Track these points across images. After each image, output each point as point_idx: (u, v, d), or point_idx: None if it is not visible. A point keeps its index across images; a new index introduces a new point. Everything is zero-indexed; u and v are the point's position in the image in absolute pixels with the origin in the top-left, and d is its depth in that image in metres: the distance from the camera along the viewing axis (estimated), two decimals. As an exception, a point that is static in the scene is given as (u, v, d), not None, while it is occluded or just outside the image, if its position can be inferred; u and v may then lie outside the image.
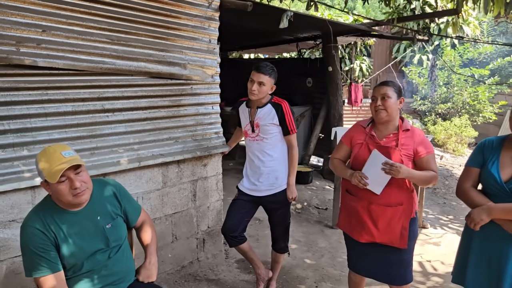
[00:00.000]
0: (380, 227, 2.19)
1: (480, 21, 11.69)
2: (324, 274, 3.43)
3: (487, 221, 1.88)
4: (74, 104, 2.50)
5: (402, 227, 2.18)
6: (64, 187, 1.60)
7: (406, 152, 2.17)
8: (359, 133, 2.33)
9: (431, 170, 2.17)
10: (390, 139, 2.21)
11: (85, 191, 1.66)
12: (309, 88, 7.11)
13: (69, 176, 1.61)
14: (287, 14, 3.20)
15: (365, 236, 2.24)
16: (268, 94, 2.71)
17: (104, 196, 1.83)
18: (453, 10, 4.64)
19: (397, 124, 2.24)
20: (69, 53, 2.41)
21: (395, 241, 2.19)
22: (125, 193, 1.94)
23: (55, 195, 1.64)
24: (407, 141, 2.19)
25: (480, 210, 1.90)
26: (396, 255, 2.25)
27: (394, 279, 2.32)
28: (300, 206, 5.14)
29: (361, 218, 2.24)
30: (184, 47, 3.00)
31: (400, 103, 2.23)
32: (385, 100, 2.17)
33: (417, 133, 2.22)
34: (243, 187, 2.87)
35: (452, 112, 9.72)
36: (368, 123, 2.34)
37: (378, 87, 2.24)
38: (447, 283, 3.29)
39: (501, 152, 1.95)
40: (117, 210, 1.86)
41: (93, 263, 1.73)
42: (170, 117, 3.01)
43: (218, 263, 3.49)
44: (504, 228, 1.85)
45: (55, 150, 1.63)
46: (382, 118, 2.20)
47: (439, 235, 4.40)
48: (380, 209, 2.18)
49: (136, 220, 1.98)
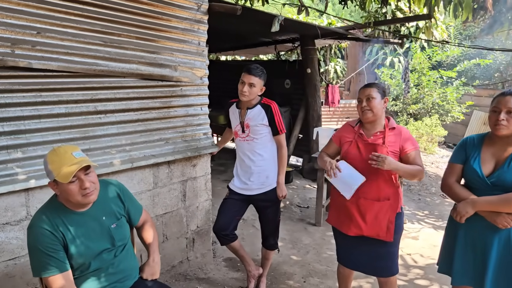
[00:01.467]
0: (368, 221, 2.32)
1: (447, 25, 12.20)
2: (311, 270, 3.54)
3: (472, 213, 2.03)
4: (67, 106, 2.50)
5: (389, 220, 2.31)
6: (74, 187, 1.63)
7: (392, 149, 2.30)
8: (348, 132, 2.47)
9: (417, 165, 2.30)
10: (377, 137, 2.34)
11: (93, 192, 1.70)
12: (287, 89, 7.23)
13: (80, 177, 1.64)
14: (279, 19, 3.30)
15: (353, 229, 2.36)
16: (258, 95, 2.80)
17: (108, 197, 1.87)
18: (426, 15, 4.88)
19: (384, 123, 2.37)
20: (63, 55, 2.42)
21: (382, 234, 2.31)
22: (127, 193, 1.97)
23: (64, 195, 1.67)
24: (393, 138, 2.32)
25: (465, 204, 2.05)
26: (382, 248, 2.37)
27: (381, 271, 2.45)
28: (282, 205, 5.24)
29: (349, 212, 2.36)
30: (174, 49, 3.05)
31: (385, 103, 2.37)
32: (370, 101, 2.30)
33: (403, 131, 2.36)
34: (234, 186, 2.94)
35: (423, 112, 10.09)
36: (356, 122, 2.47)
37: (363, 89, 2.37)
38: (427, 274, 3.47)
39: (482, 149, 2.12)
40: (121, 210, 1.90)
41: (100, 262, 1.76)
42: (161, 118, 3.04)
43: (207, 262, 3.55)
44: (488, 219, 2.00)
45: (66, 151, 1.65)
46: (369, 118, 2.33)
47: (416, 229, 4.61)
48: (368, 203, 2.31)
49: (138, 220, 2.02)
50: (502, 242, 2.00)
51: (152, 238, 2.02)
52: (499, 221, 1.95)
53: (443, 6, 5.13)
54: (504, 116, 1.97)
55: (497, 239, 2.01)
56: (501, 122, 1.97)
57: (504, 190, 1.96)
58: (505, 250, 1.99)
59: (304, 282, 3.33)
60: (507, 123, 1.97)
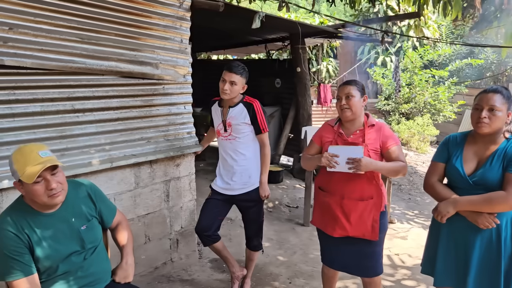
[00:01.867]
0: (352, 221, 2.27)
1: (439, 24, 12.21)
2: (297, 271, 3.49)
3: (453, 213, 1.98)
4: (43, 104, 2.44)
5: (373, 220, 2.27)
6: (40, 187, 1.57)
7: (373, 147, 2.26)
8: (328, 132, 2.42)
9: (399, 160, 2.26)
10: (357, 136, 2.30)
11: (60, 192, 1.63)
12: (278, 88, 7.19)
13: (45, 177, 1.58)
14: (259, 15, 3.25)
15: (338, 230, 2.31)
16: (240, 93, 2.74)
17: (78, 197, 1.81)
18: (415, 13, 4.85)
19: (363, 120, 2.33)
20: (37, 51, 2.35)
21: (367, 234, 2.28)
22: (99, 194, 1.91)
23: (29, 196, 1.60)
24: (373, 135, 2.28)
25: (446, 203, 2.00)
26: (367, 248, 2.34)
27: (366, 271, 2.41)
28: (271, 205, 5.20)
29: (334, 213, 2.31)
30: (156, 46, 2.99)
31: (364, 101, 2.32)
32: (349, 99, 2.25)
33: (382, 127, 2.32)
34: (216, 186, 2.88)
35: (415, 112, 10.09)
36: (335, 122, 2.43)
37: (342, 86, 2.32)
38: (414, 275, 3.43)
39: (464, 147, 2.07)
40: (92, 211, 1.83)
41: (69, 265, 1.69)
42: (142, 117, 2.98)
43: (192, 263, 3.49)
44: (469, 219, 1.96)
45: (32, 150, 1.59)
46: (348, 116, 2.28)
47: (405, 229, 4.57)
48: (352, 203, 2.26)
49: (111, 221, 1.96)
50: (485, 243, 1.96)
51: (126, 240, 1.96)
52: (480, 221, 1.91)
53: (432, 5, 5.11)
54: (486, 114, 1.93)
55: (479, 239, 1.96)
56: (483, 120, 1.93)
57: (486, 189, 1.92)
58: (487, 251, 1.95)
59: (289, 283, 3.28)
60: (489, 121, 1.92)
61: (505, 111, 1.93)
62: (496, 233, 1.94)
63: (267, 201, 5.21)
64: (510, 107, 1.96)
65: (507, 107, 1.94)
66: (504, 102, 1.92)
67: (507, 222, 1.94)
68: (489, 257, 1.95)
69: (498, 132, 1.97)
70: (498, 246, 1.93)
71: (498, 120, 1.92)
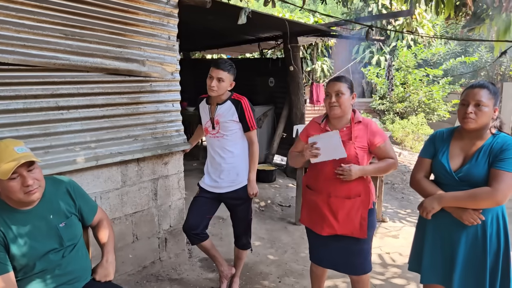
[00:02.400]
0: (340, 219, 2.25)
1: (433, 23, 12.23)
2: (287, 269, 3.47)
3: (438, 209, 1.96)
4: (25, 101, 2.40)
5: (361, 217, 2.25)
6: (16, 184, 1.54)
7: (360, 144, 2.24)
8: (315, 129, 2.38)
9: (389, 157, 2.25)
10: (344, 133, 2.26)
11: (37, 189, 1.60)
12: (271, 87, 7.17)
13: (21, 173, 1.55)
14: (245, 11, 3.22)
15: (326, 229, 2.29)
16: (228, 91, 2.72)
17: (57, 194, 1.77)
18: (406, 11, 4.84)
19: (350, 117, 2.30)
20: (20, 47, 2.31)
21: (355, 232, 2.26)
22: (79, 190, 1.88)
23: (4, 192, 1.57)
24: (360, 133, 2.25)
25: (432, 199, 1.99)
26: (356, 245, 2.31)
27: (355, 269, 2.38)
28: (263, 203, 5.17)
29: (321, 211, 2.29)
30: (143, 43, 2.96)
31: (353, 99, 2.29)
32: (339, 96, 2.21)
33: (369, 124, 2.29)
34: (204, 184, 2.85)
35: (409, 111, 10.10)
36: (322, 118, 2.40)
37: (332, 83, 2.27)
38: (405, 273, 3.41)
39: (450, 143, 2.05)
40: (71, 208, 1.80)
41: (46, 263, 1.66)
42: (129, 115, 2.95)
43: (181, 263, 3.46)
44: (454, 215, 1.94)
45: (7, 146, 1.56)
46: (336, 114, 2.25)
47: (397, 228, 4.56)
48: (339, 201, 2.24)
49: (92, 219, 1.93)
50: (470, 239, 1.94)
51: (107, 238, 1.93)
52: (465, 217, 1.89)
53: (424, 3, 5.10)
54: (472, 109, 1.91)
55: (464, 235, 1.95)
56: (469, 115, 1.91)
57: (471, 185, 1.90)
58: (473, 247, 1.94)
59: (279, 282, 3.25)
60: (475, 116, 1.90)
61: (491, 107, 1.91)
62: (481, 230, 1.92)
63: (260, 200, 5.18)
64: (496, 103, 1.95)
65: (494, 102, 1.92)
66: (490, 97, 1.91)
67: (492, 219, 1.93)
68: (475, 254, 1.93)
69: (485, 127, 1.95)
70: (483, 242, 1.92)
71: (484, 116, 1.90)
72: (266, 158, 6.71)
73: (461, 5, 5.84)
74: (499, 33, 5.00)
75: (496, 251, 1.93)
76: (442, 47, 11.33)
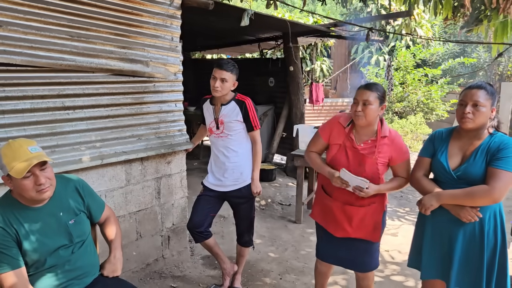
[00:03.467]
0: (354, 225, 2.28)
1: (432, 24, 12.28)
2: (288, 267, 3.52)
3: (436, 206, 2.02)
4: (32, 102, 2.45)
5: (376, 222, 2.28)
6: (29, 182, 1.59)
7: (382, 160, 2.21)
8: (339, 132, 2.29)
9: (403, 176, 2.26)
10: (367, 145, 2.21)
11: (49, 188, 1.65)
12: (271, 87, 7.23)
13: (35, 172, 1.60)
14: (248, 13, 3.27)
15: (340, 232, 2.32)
16: (231, 91, 2.77)
17: (66, 192, 1.82)
18: (405, 12, 4.89)
19: (376, 128, 2.21)
20: (27, 49, 2.36)
21: (369, 236, 2.29)
22: (88, 188, 1.93)
23: (17, 190, 1.62)
24: (384, 148, 2.20)
25: (430, 196, 2.04)
26: (366, 245, 2.34)
27: (363, 266, 2.41)
28: (264, 202, 5.23)
29: (335, 216, 2.31)
30: (146, 44, 3.01)
31: (381, 109, 2.18)
32: (366, 106, 2.12)
33: (395, 140, 2.23)
34: (208, 183, 2.91)
35: (408, 111, 10.15)
36: (348, 123, 2.28)
37: (363, 90, 2.16)
38: (404, 270, 3.47)
39: (449, 142, 2.11)
40: (80, 206, 1.85)
41: (56, 258, 1.71)
42: (133, 115, 3.00)
43: (184, 260, 3.51)
44: (452, 212, 2.00)
45: (21, 145, 1.61)
46: (360, 123, 2.18)
47: (396, 226, 4.61)
48: (354, 209, 2.25)
49: (99, 216, 1.98)
50: (468, 236, 2.00)
51: (114, 235, 1.98)
52: (462, 214, 1.95)
53: (423, 4, 5.15)
54: (470, 109, 1.96)
55: (462, 232, 2.00)
56: (467, 115, 1.97)
57: (469, 183, 1.96)
58: (470, 244, 1.99)
59: (280, 279, 3.31)
60: (473, 116, 1.96)
61: (489, 107, 1.96)
62: (479, 227, 1.98)
63: (260, 199, 5.24)
64: (494, 103, 2.00)
65: (491, 102, 1.97)
66: (488, 98, 1.96)
67: (490, 216, 1.98)
68: (472, 250, 1.99)
69: (482, 127, 2.01)
70: (481, 239, 1.97)
71: (482, 116, 1.95)
72: (266, 157, 6.76)
73: (459, 6, 5.90)
74: (496, 34, 5.06)
75: (493, 247, 1.98)
76: (441, 47, 11.38)
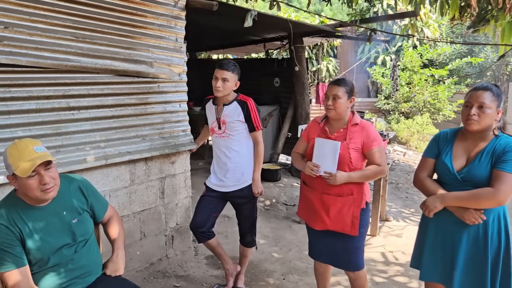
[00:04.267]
0: (332, 215, 2.34)
1: (439, 24, 12.20)
2: (292, 267, 3.52)
3: (440, 208, 2.01)
4: (38, 102, 2.48)
5: (353, 216, 2.33)
6: (33, 182, 1.61)
7: (354, 146, 2.31)
8: (314, 128, 2.49)
9: (377, 163, 2.31)
10: (340, 133, 2.36)
11: (53, 188, 1.67)
12: (277, 88, 7.22)
13: (39, 172, 1.62)
14: (251, 13, 3.28)
15: (319, 224, 2.40)
16: (233, 91, 2.78)
17: (70, 192, 1.85)
18: (411, 12, 4.86)
19: (348, 119, 2.38)
20: (33, 50, 2.39)
21: (347, 229, 2.34)
22: (91, 188, 1.95)
23: (22, 189, 1.65)
24: (355, 135, 2.33)
25: (434, 198, 2.03)
26: (348, 242, 2.39)
27: (349, 264, 2.45)
28: (268, 202, 5.23)
29: (314, 207, 2.40)
30: (151, 45, 3.03)
31: (350, 102, 2.35)
32: (335, 100, 2.30)
33: (366, 127, 2.35)
34: (210, 183, 2.92)
35: (414, 111, 10.10)
36: (322, 118, 2.49)
37: (331, 86, 2.35)
38: (407, 271, 3.46)
39: (454, 143, 2.10)
40: (83, 205, 1.87)
41: (60, 257, 1.74)
42: (137, 115, 3.02)
43: (187, 260, 3.53)
44: (456, 214, 1.99)
45: (27, 145, 1.64)
46: (332, 116, 2.36)
47: (401, 227, 4.60)
48: (331, 198, 2.33)
49: (103, 216, 2.00)
50: (471, 238, 1.98)
51: (117, 234, 2.00)
52: (466, 217, 1.94)
53: (429, 3, 5.12)
54: (475, 111, 1.95)
55: (466, 235, 1.99)
56: (472, 117, 1.95)
57: (474, 185, 1.95)
58: (474, 246, 1.98)
59: (283, 280, 3.31)
60: (478, 118, 1.94)
61: (494, 109, 1.95)
62: (483, 229, 1.96)
63: (265, 199, 5.24)
64: (500, 105, 1.98)
65: (497, 104, 1.96)
66: (493, 99, 1.94)
67: (494, 218, 1.97)
68: (476, 253, 1.98)
69: (488, 129, 1.99)
70: (485, 242, 1.96)
71: (487, 117, 1.94)
72: (271, 157, 6.76)
73: (466, 6, 5.86)
74: (504, 34, 5.02)
75: (497, 250, 1.97)
76: (448, 47, 11.30)
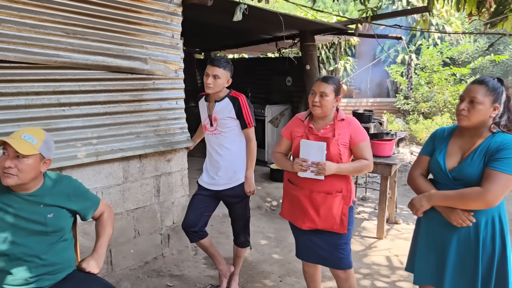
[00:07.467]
0: (322, 214, 2.28)
1: (462, 21, 11.81)
2: (290, 269, 3.43)
3: (427, 207, 1.90)
4: (27, 98, 2.48)
5: (342, 213, 2.28)
6: (1, 160, 1.65)
7: (342, 141, 2.26)
8: (298, 126, 2.41)
9: (364, 158, 2.26)
10: (327, 130, 2.31)
11: (11, 176, 1.64)
12: (289, 86, 7.14)
13: (8, 155, 1.64)
14: (240, 7, 3.21)
15: (307, 223, 2.32)
16: (225, 88, 2.72)
17: (55, 190, 1.82)
18: (423, 8, 4.69)
19: (333, 116, 2.34)
20: (21, 45, 2.40)
21: (336, 227, 2.28)
22: (79, 189, 1.92)
23: None
24: (343, 130, 2.28)
25: (421, 197, 1.92)
26: (336, 240, 2.34)
27: (340, 262, 2.38)
28: (275, 203, 5.15)
29: (303, 206, 2.32)
30: (146, 41, 3.00)
31: (336, 101, 2.31)
32: (322, 97, 2.25)
33: (352, 122, 2.33)
34: (202, 182, 2.87)
35: (434, 111, 9.80)
36: (306, 116, 2.41)
37: (319, 82, 2.30)
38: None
39: (450, 141, 1.97)
40: (65, 203, 1.83)
41: (29, 251, 1.70)
42: (131, 112, 3.00)
43: (184, 259, 3.48)
44: (443, 215, 1.87)
45: (24, 130, 1.69)
46: (317, 113, 2.30)
47: (410, 230, 4.42)
48: (321, 197, 2.26)
49: (91, 214, 1.98)
50: (462, 241, 1.85)
51: (102, 232, 1.96)
52: (453, 218, 1.81)
53: (445, 0, 4.92)
54: (465, 106, 1.83)
55: (456, 237, 1.86)
56: (461, 112, 1.84)
57: (465, 184, 1.82)
58: (464, 249, 1.85)
59: (280, 282, 3.23)
60: (467, 113, 1.82)
61: (487, 104, 1.81)
62: (474, 232, 1.83)
63: (271, 200, 5.16)
64: (497, 100, 1.84)
65: (491, 99, 1.82)
66: (487, 94, 1.81)
67: (487, 222, 1.83)
68: (466, 256, 1.85)
69: (482, 125, 1.86)
70: (476, 245, 1.83)
71: (477, 113, 1.81)
72: (281, 157, 6.67)
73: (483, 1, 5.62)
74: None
75: (490, 256, 1.83)
76: (470, 44, 10.91)
